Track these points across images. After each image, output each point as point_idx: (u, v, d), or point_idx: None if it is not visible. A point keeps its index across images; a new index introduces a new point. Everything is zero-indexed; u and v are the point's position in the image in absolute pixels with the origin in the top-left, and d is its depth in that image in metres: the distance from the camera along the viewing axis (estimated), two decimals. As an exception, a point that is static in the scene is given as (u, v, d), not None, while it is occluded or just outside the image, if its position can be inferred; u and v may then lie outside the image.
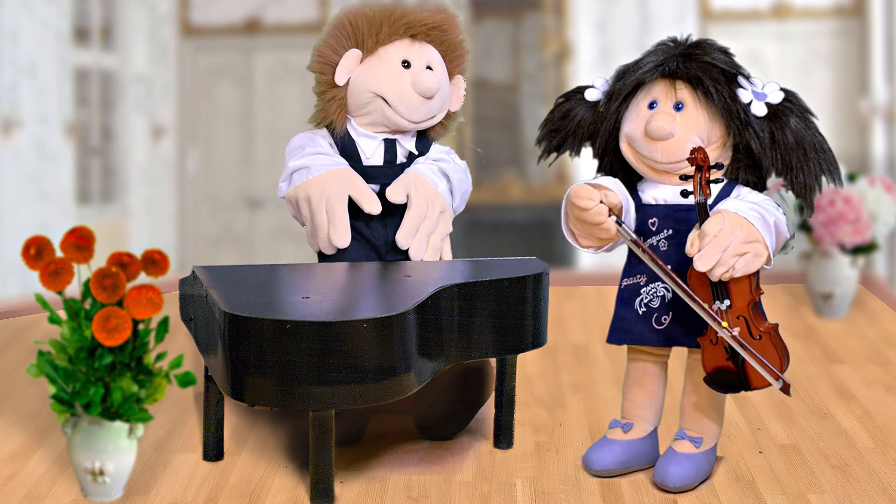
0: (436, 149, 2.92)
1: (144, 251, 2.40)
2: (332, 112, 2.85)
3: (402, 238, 2.77)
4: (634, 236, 2.47)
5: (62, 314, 2.45)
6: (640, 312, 2.55)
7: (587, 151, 2.68)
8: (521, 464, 2.68)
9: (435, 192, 2.81)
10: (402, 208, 2.80)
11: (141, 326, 2.36)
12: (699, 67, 2.49)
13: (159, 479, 2.58)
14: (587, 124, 2.62)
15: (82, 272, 2.36)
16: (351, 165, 2.81)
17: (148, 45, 5.45)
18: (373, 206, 2.75)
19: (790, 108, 2.50)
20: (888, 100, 5.08)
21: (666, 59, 2.51)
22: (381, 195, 2.79)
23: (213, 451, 2.68)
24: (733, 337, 2.42)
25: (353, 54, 2.83)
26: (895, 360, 3.47)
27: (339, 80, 2.83)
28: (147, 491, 2.52)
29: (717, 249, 2.37)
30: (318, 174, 2.77)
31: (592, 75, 2.68)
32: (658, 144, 2.50)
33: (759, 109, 2.48)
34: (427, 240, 2.79)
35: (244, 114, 5.53)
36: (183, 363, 2.49)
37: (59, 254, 2.35)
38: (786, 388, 2.44)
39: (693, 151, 2.42)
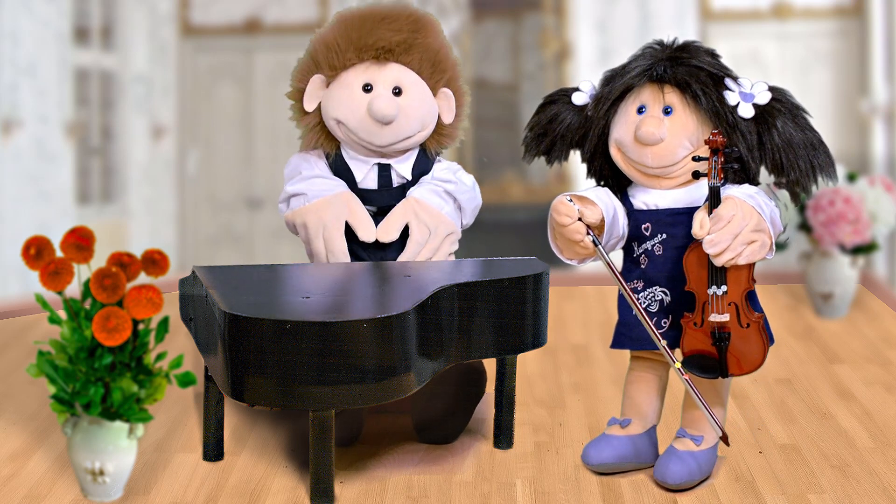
0: (440, 167, 2.87)
1: (144, 251, 2.40)
2: (315, 140, 2.82)
3: None
4: (609, 259, 2.49)
5: (62, 314, 2.45)
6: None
7: (574, 155, 2.67)
8: (521, 464, 2.68)
9: (439, 217, 2.78)
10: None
11: (141, 326, 2.36)
12: (686, 71, 2.48)
13: (159, 479, 2.59)
14: (575, 129, 2.61)
15: (82, 272, 2.36)
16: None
17: (148, 45, 5.45)
18: (367, 235, 2.75)
19: (778, 107, 2.49)
20: (888, 100, 5.08)
21: (653, 63, 2.50)
22: (380, 215, 2.79)
23: (213, 451, 2.68)
24: (687, 380, 2.47)
25: (317, 80, 2.80)
26: (895, 360, 3.47)
27: (308, 106, 2.81)
28: (147, 491, 2.52)
29: (728, 235, 2.36)
30: (314, 201, 2.76)
31: (592, 75, 2.67)
32: (648, 149, 2.49)
33: (745, 111, 2.47)
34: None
35: (244, 114, 5.52)
36: (183, 363, 2.49)
37: (59, 254, 2.35)
38: (724, 438, 2.51)
39: (713, 134, 2.43)
